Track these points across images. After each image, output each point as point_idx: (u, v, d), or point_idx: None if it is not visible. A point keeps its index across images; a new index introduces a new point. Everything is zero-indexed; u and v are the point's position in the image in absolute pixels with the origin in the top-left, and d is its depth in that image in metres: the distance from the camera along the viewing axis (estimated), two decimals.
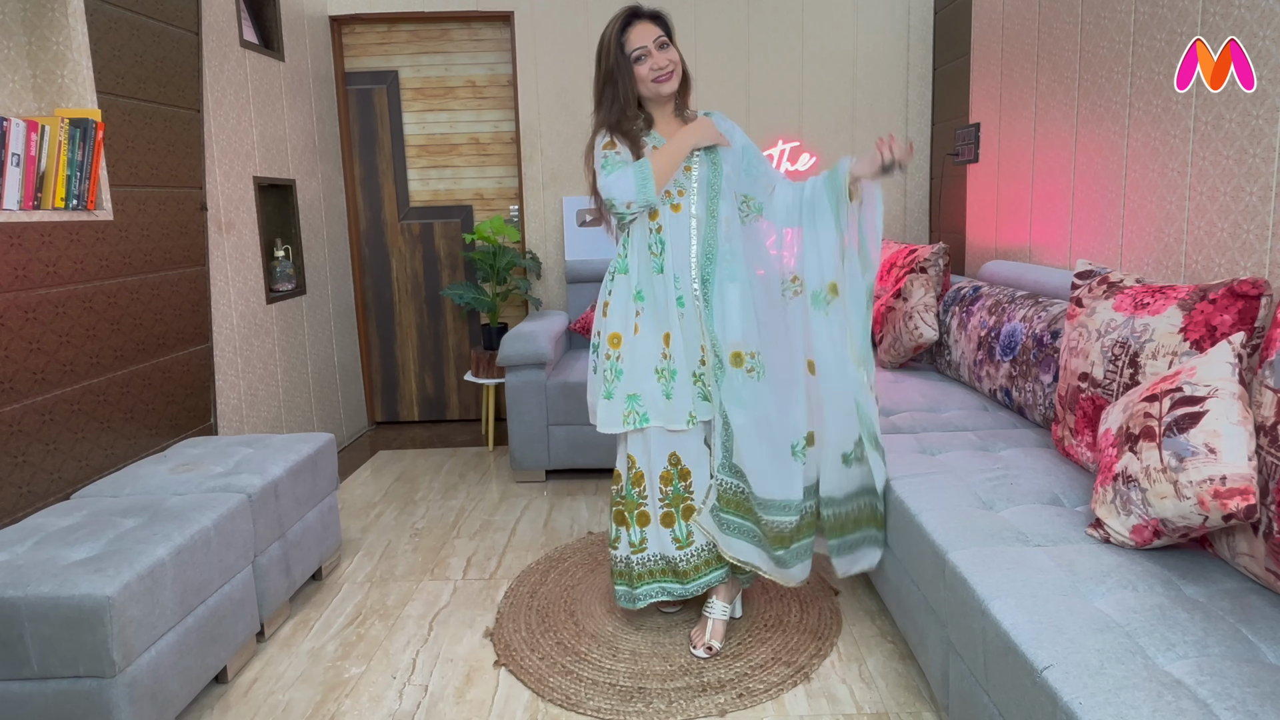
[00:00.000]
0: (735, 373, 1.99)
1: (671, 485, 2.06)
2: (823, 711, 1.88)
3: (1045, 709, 1.21)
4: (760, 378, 2.01)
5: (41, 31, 2.21)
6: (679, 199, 2.01)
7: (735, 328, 1.99)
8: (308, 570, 2.46)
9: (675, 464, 2.05)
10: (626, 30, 1.96)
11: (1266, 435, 1.40)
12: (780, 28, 4.07)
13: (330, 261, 4.04)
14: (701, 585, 2.11)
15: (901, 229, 4.20)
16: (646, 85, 1.98)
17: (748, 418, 1.98)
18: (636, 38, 1.95)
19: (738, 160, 2.08)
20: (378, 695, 1.99)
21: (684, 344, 2.00)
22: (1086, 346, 2.01)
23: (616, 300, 2.05)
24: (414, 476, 3.64)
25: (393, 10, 4.09)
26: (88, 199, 2.23)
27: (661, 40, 1.96)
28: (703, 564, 2.10)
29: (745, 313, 2.00)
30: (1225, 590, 1.42)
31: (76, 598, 1.58)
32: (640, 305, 2.02)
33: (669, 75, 1.97)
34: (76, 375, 2.21)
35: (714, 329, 1.99)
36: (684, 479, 2.06)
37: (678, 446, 2.04)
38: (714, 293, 2.00)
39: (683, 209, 2.01)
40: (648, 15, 1.98)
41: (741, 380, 1.99)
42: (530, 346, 3.32)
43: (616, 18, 1.97)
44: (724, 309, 2.00)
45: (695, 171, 2.02)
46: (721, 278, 2.00)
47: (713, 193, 2.02)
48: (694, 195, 2.02)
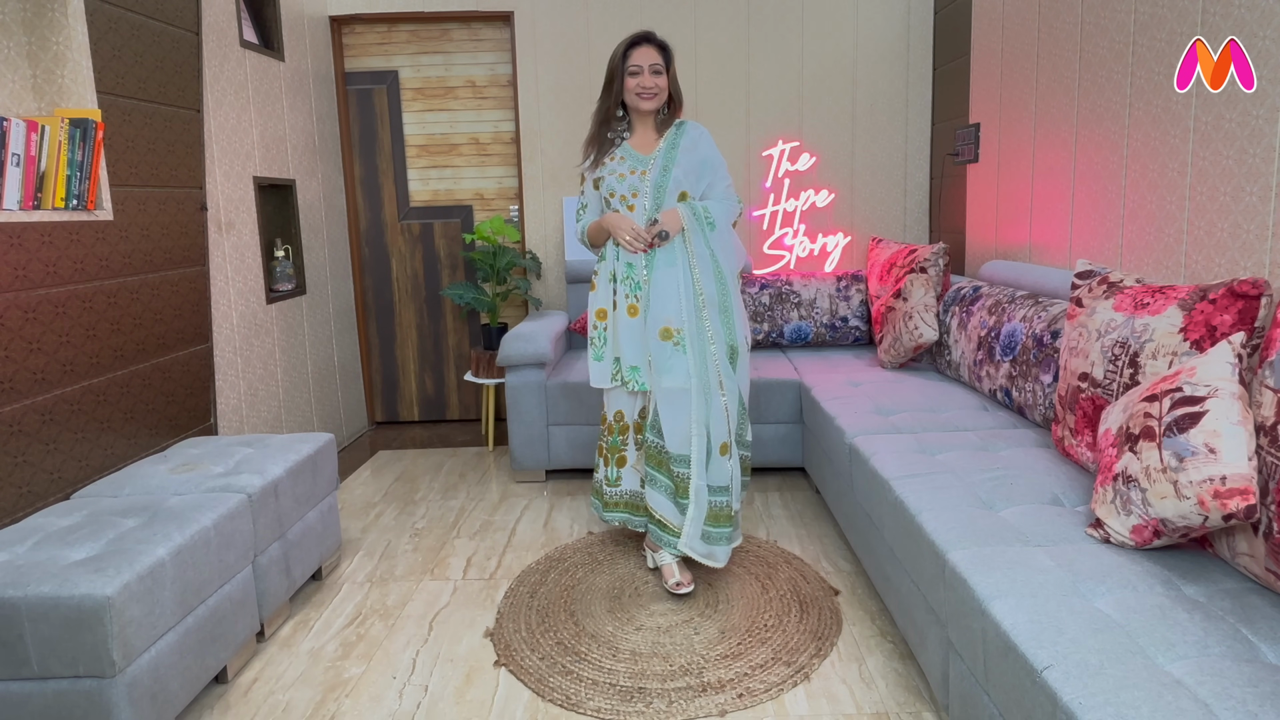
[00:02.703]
0: (664, 345, 2.34)
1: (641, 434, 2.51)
2: (823, 711, 1.88)
3: (1045, 709, 1.21)
4: (685, 351, 2.33)
5: (41, 31, 2.21)
6: (633, 200, 2.40)
7: (670, 306, 2.33)
8: (308, 570, 2.46)
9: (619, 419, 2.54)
10: (634, 47, 2.36)
11: (1266, 435, 1.40)
12: (780, 28, 4.07)
13: (330, 261, 4.04)
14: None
15: (901, 229, 4.20)
16: (630, 96, 2.38)
17: (672, 382, 2.33)
18: (638, 56, 2.35)
19: (692, 168, 2.41)
20: (378, 695, 1.99)
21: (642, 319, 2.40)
22: (1086, 346, 2.01)
23: (600, 281, 2.49)
24: (414, 476, 3.64)
25: (393, 10, 4.09)
26: (88, 199, 2.23)
27: (657, 66, 2.36)
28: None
29: (685, 294, 2.33)
30: (1225, 590, 1.42)
31: (76, 598, 1.58)
32: (615, 285, 2.44)
33: (651, 96, 2.37)
34: (76, 375, 2.21)
35: (650, 308, 2.36)
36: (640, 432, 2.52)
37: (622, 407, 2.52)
38: (654, 276, 2.36)
39: (635, 209, 2.41)
40: (655, 42, 2.37)
41: (669, 352, 2.34)
42: (530, 346, 3.32)
43: (632, 36, 2.37)
44: (662, 290, 2.35)
45: (649, 176, 2.39)
46: (660, 264, 2.36)
47: (659, 193, 2.39)
48: (645, 197, 2.40)
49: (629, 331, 2.42)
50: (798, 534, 2.86)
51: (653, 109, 2.39)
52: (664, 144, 2.40)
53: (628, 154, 2.43)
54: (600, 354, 2.48)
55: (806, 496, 3.23)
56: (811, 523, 2.96)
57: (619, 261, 2.42)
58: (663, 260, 2.36)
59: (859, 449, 2.35)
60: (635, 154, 2.42)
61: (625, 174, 2.40)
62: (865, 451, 2.30)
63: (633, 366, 2.42)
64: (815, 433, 2.99)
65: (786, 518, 3.01)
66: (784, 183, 4.15)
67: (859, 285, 3.83)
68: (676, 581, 2.41)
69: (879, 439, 2.37)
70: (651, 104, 2.37)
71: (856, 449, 2.38)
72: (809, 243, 4.18)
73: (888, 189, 4.18)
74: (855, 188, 4.18)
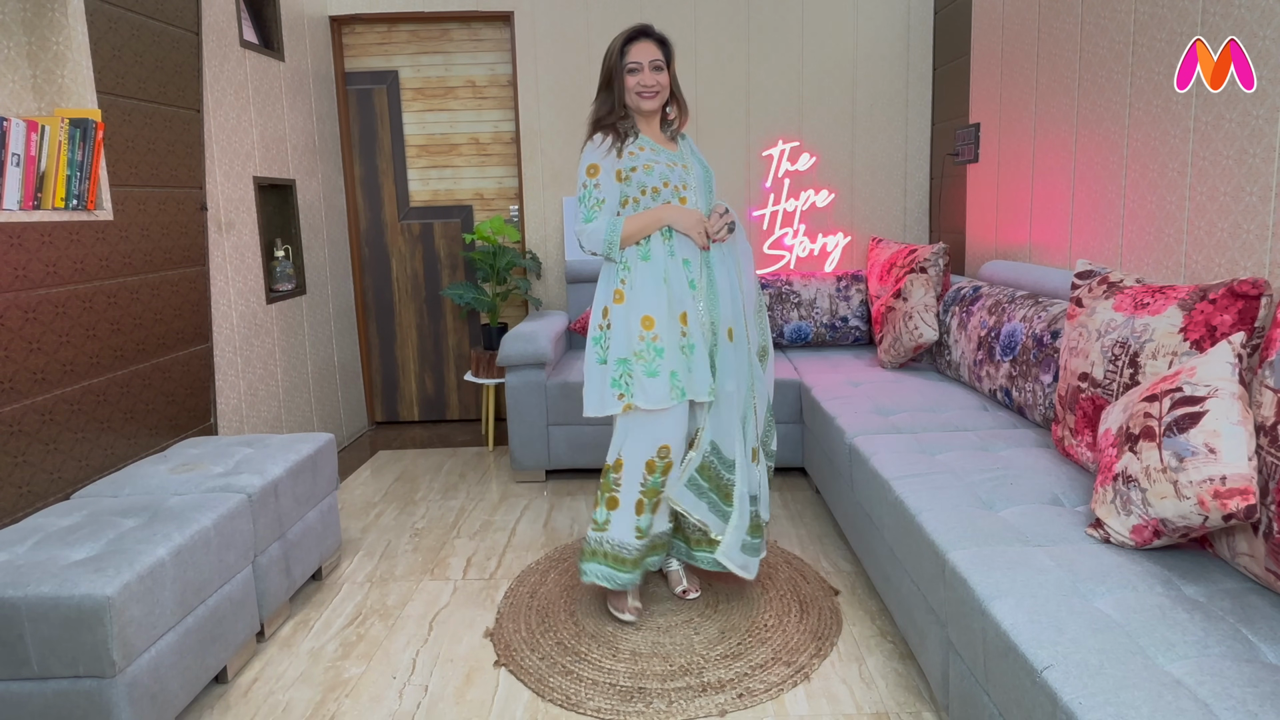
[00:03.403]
0: (729, 345, 2.17)
1: (653, 475, 2.18)
2: (823, 711, 1.88)
3: (1045, 709, 1.21)
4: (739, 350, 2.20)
5: (41, 31, 2.21)
6: (684, 192, 2.20)
7: (728, 305, 2.18)
8: (308, 570, 2.46)
9: (663, 456, 2.17)
10: (632, 42, 2.15)
11: (1266, 435, 1.40)
12: (780, 28, 4.07)
13: (330, 261, 4.04)
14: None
15: (901, 229, 4.20)
16: (631, 95, 2.16)
17: (735, 385, 2.17)
18: (637, 52, 2.14)
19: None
20: (378, 695, 1.99)
21: (697, 323, 2.16)
22: (1086, 346, 2.01)
23: (645, 282, 2.14)
24: (414, 476, 3.64)
25: (393, 10, 4.09)
26: (88, 199, 2.23)
27: (657, 62, 2.15)
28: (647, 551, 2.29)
29: (734, 293, 2.20)
30: (1225, 590, 1.42)
31: (76, 598, 1.58)
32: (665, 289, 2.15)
33: (652, 94, 2.16)
34: (76, 375, 2.21)
35: (716, 308, 2.17)
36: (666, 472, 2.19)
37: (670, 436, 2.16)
38: (716, 274, 2.18)
39: (689, 201, 2.20)
40: (654, 37, 2.17)
41: (732, 351, 2.17)
42: (530, 346, 3.32)
43: (628, 30, 2.16)
44: (720, 289, 2.18)
45: (692, 170, 2.23)
46: (715, 261, 2.18)
47: (706, 189, 2.25)
48: (695, 192, 2.22)
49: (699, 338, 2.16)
50: (798, 534, 2.86)
51: (655, 108, 2.17)
52: (684, 146, 2.26)
53: (648, 144, 2.18)
54: (655, 369, 2.09)
55: (806, 496, 3.23)
56: (811, 523, 2.96)
57: (672, 259, 2.14)
58: (717, 259, 2.17)
59: (859, 449, 2.35)
60: (655, 144, 2.19)
61: (656, 164, 2.15)
62: (865, 451, 2.30)
63: (673, 371, 2.11)
64: (815, 433, 2.99)
65: (786, 518, 3.01)
66: (784, 183, 4.15)
67: (859, 285, 3.83)
68: (684, 589, 2.40)
69: (879, 439, 2.37)
70: (653, 103, 2.15)
71: (856, 449, 2.38)
72: (809, 243, 4.18)
73: (888, 189, 4.18)
74: (855, 188, 4.18)
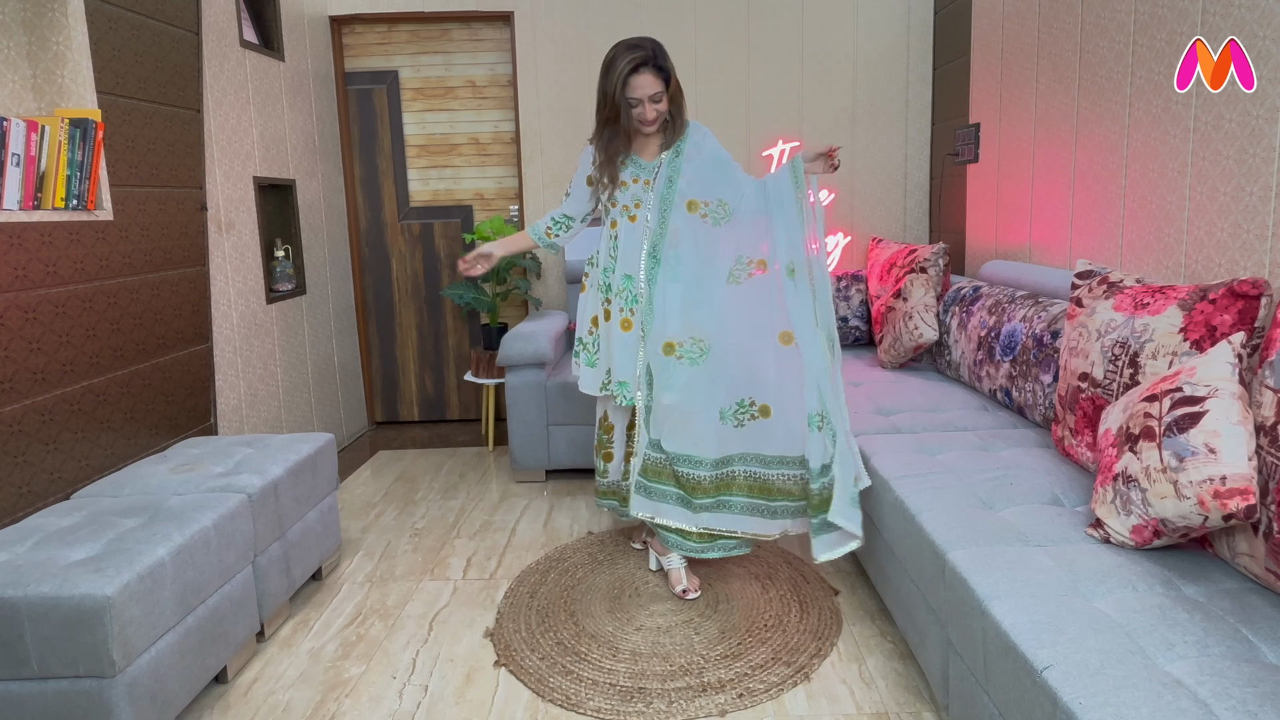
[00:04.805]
0: (667, 360, 2.27)
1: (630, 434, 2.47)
2: (823, 711, 1.88)
3: (1045, 709, 1.21)
4: (694, 362, 2.26)
5: (41, 31, 2.21)
6: (635, 210, 2.34)
7: (674, 322, 2.28)
8: (308, 570, 2.46)
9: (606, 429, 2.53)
10: (633, 76, 2.19)
11: (1266, 435, 1.40)
12: (780, 28, 4.07)
13: (330, 261, 4.04)
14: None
15: (901, 229, 4.20)
16: (632, 123, 2.28)
17: (674, 398, 2.26)
18: (638, 87, 2.20)
19: (704, 169, 2.33)
20: (378, 695, 1.99)
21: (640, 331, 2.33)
22: (1086, 346, 2.01)
23: (590, 287, 2.46)
24: (414, 476, 3.64)
25: (393, 10, 4.09)
26: (88, 199, 2.23)
27: (656, 96, 2.22)
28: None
29: (686, 308, 2.28)
30: (1225, 590, 1.42)
31: (76, 598, 1.58)
32: (609, 295, 2.38)
33: (651, 124, 2.28)
34: (76, 375, 2.21)
35: (652, 324, 2.30)
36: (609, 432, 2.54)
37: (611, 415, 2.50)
38: (656, 292, 2.30)
39: (638, 219, 2.34)
40: (654, 66, 2.20)
41: (672, 366, 2.27)
42: (530, 346, 3.32)
43: (628, 60, 2.18)
44: (664, 306, 2.29)
45: (653, 186, 2.32)
46: (664, 279, 2.30)
47: (665, 206, 2.32)
48: (649, 208, 2.33)
49: (622, 345, 2.35)
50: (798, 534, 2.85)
51: (653, 131, 2.31)
52: (668, 153, 2.33)
53: (631, 161, 2.34)
54: (593, 360, 2.45)
55: None
56: None
57: (615, 274, 2.35)
58: (665, 275, 2.30)
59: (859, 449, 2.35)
60: (638, 160, 2.35)
61: (628, 183, 2.33)
62: (865, 451, 2.30)
63: (621, 381, 2.36)
64: None
65: None
66: None
67: (859, 285, 3.83)
68: (684, 588, 2.41)
69: (879, 439, 2.37)
70: (652, 129, 2.29)
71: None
72: None
73: (888, 189, 4.18)
74: (855, 188, 4.18)
